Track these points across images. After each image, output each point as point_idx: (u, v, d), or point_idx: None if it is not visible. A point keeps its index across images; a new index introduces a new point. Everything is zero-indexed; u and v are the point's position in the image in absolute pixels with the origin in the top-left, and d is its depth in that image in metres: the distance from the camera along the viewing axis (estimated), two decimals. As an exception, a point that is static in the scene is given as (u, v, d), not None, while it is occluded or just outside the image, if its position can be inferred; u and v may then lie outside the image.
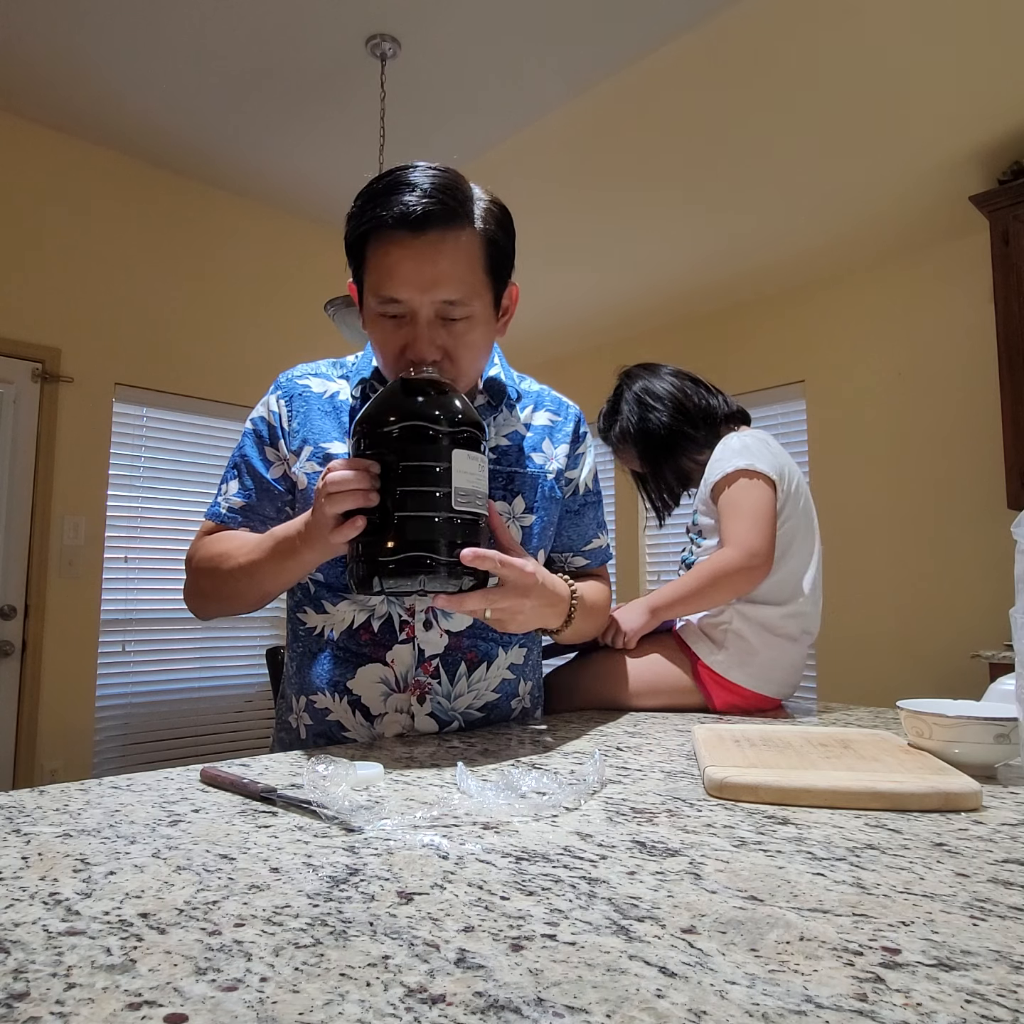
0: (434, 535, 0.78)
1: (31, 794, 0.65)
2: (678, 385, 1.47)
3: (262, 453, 1.03)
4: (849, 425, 3.72)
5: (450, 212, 0.85)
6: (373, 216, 0.85)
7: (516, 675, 1.06)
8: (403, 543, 0.77)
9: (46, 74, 2.77)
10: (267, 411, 1.05)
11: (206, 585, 1.00)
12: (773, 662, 1.28)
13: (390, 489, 0.78)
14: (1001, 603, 3.10)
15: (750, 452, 1.33)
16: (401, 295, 0.86)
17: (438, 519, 0.78)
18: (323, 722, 1.00)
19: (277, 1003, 0.33)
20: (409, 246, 0.84)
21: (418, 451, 0.78)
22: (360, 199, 0.88)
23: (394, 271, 0.85)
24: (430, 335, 0.87)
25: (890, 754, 0.75)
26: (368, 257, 0.88)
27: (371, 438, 0.80)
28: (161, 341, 3.34)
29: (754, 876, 0.48)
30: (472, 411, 0.83)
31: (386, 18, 2.47)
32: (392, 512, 0.78)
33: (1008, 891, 0.46)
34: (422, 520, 0.78)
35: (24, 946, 0.38)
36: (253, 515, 1.03)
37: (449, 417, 0.79)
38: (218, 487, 1.06)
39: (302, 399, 1.04)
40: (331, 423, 1.02)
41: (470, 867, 0.49)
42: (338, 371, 1.07)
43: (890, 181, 3.07)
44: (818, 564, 1.38)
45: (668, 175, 3.12)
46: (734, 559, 1.23)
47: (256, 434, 1.04)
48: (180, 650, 3.31)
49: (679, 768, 0.78)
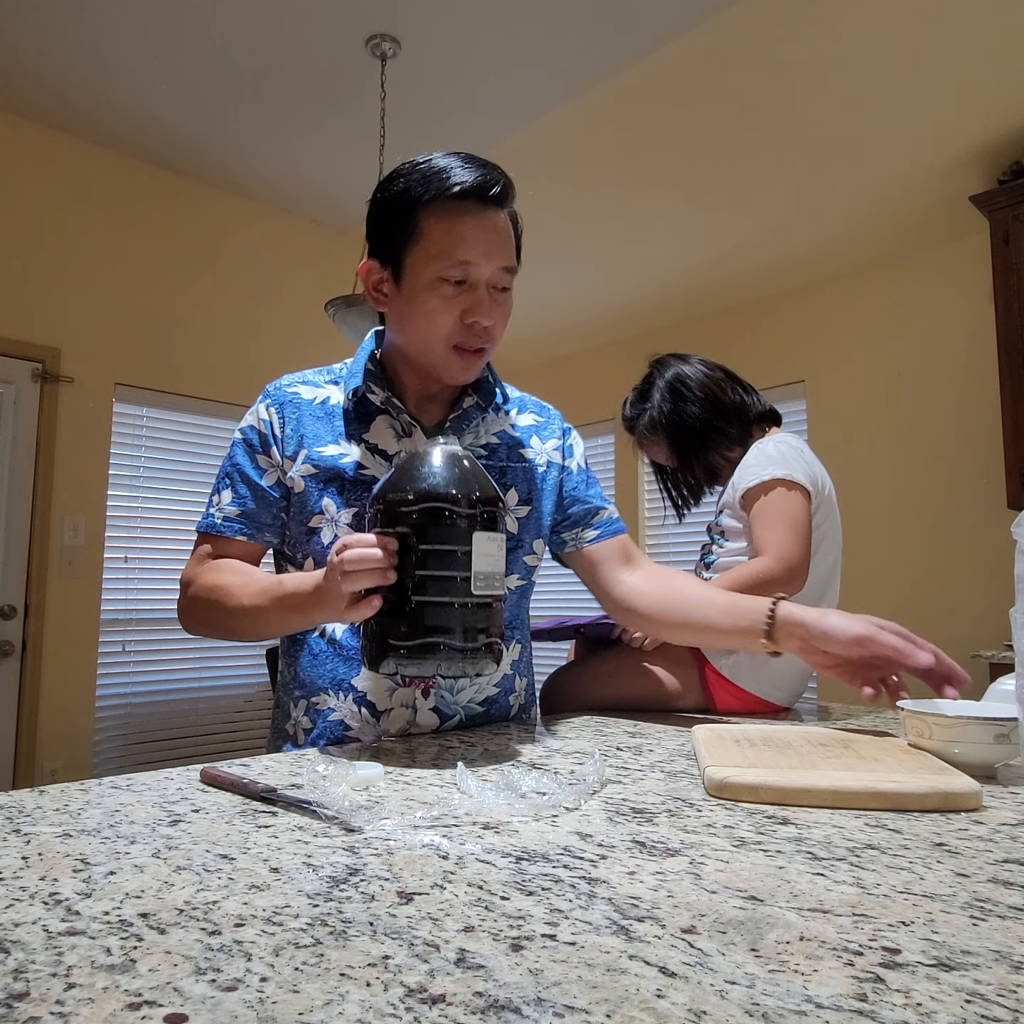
0: (451, 622, 0.77)
1: (31, 794, 0.65)
2: (712, 377, 1.43)
3: (254, 461, 1.03)
4: (849, 425, 3.72)
5: (506, 190, 0.94)
6: (442, 186, 0.91)
7: (514, 671, 1.09)
8: (419, 629, 0.76)
9: (46, 74, 2.77)
10: (257, 420, 1.05)
11: (206, 616, 1.00)
12: (782, 670, 1.26)
13: (408, 570, 0.77)
14: (1001, 603, 3.10)
15: (786, 460, 1.30)
16: (472, 258, 0.92)
17: (456, 605, 0.77)
18: (325, 723, 0.99)
19: (277, 1003, 0.33)
20: (479, 215, 0.92)
21: (438, 534, 0.76)
22: (407, 176, 0.94)
23: (466, 236, 0.92)
24: (488, 300, 0.95)
25: (890, 754, 0.75)
26: (428, 225, 0.93)
27: (389, 515, 0.78)
28: (161, 341, 3.34)
29: (754, 876, 0.48)
30: (490, 486, 0.82)
31: (386, 18, 2.47)
32: (409, 595, 0.76)
33: (1008, 891, 0.46)
34: (440, 606, 0.76)
35: (24, 946, 0.38)
36: (250, 522, 1.02)
37: (469, 497, 0.78)
38: (208, 500, 1.06)
39: (293, 405, 1.04)
40: (324, 427, 1.03)
41: (470, 867, 0.49)
42: (325, 377, 1.08)
43: (890, 181, 3.07)
44: (839, 574, 1.37)
45: (668, 175, 3.12)
46: (773, 569, 1.21)
47: (246, 443, 1.04)
48: (180, 650, 3.31)
49: (679, 768, 0.78)
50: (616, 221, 3.48)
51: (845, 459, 3.71)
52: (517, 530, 1.06)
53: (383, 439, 1.03)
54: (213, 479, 1.11)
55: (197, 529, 1.05)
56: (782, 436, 1.38)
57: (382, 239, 0.98)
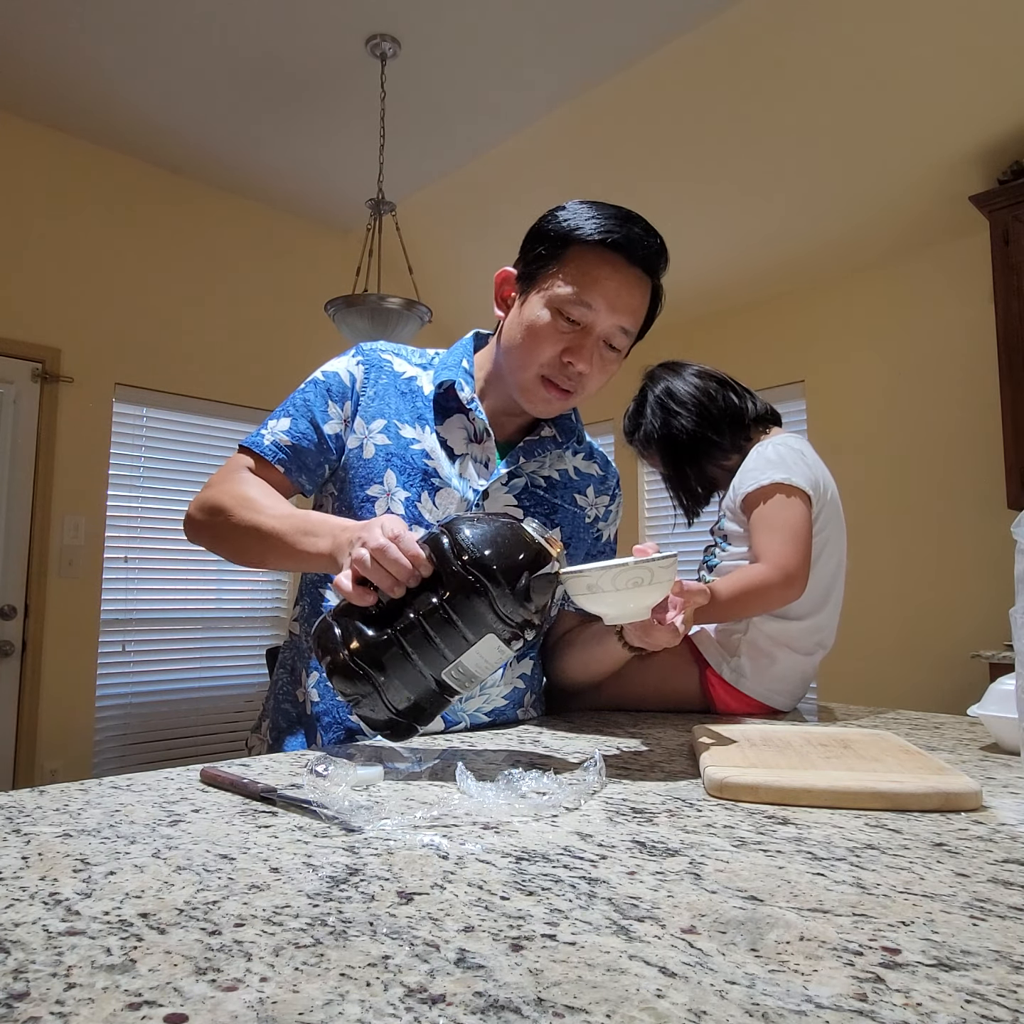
0: (404, 681, 0.72)
1: (31, 794, 0.65)
2: (702, 387, 1.42)
3: (325, 405, 1.02)
4: (849, 425, 3.72)
5: (658, 260, 0.96)
6: (601, 228, 0.92)
7: (525, 685, 1.09)
8: (374, 659, 0.71)
9: (46, 74, 2.77)
10: (344, 370, 1.04)
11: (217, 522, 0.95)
12: (784, 675, 1.26)
13: (412, 604, 0.71)
14: (1001, 603, 3.10)
15: (786, 464, 1.28)
16: (596, 304, 0.93)
17: (421, 673, 0.72)
18: (333, 701, 0.99)
19: (277, 1003, 0.33)
20: (622, 270, 0.93)
21: (463, 608, 0.70)
22: (578, 212, 0.95)
23: (601, 283, 0.92)
24: (595, 352, 0.95)
25: (890, 754, 0.75)
26: (573, 257, 0.93)
27: (444, 551, 0.71)
28: (161, 341, 3.34)
29: (754, 876, 0.48)
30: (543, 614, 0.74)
31: (386, 18, 2.47)
32: (394, 625, 0.71)
33: (1008, 891, 0.46)
34: (406, 660, 0.71)
35: (24, 946, 0.38)
36: (296, 458, 1.00)
37: (517, 608, 0.70)
38: (263, 422, 1.03)
39: (382, 371, 1.05)
40: (406, 405, 1.04)
41: (470, 867, 0.49)
42: (417, 359, 1.09)
43: (890, 181, 3.07)
44: (843, 578, 1.36)
45: (667, 176, 3.12)
46: (770, 577, 1.19)
47: (325, 386, 1.03)
48: (180, 650, 3.31)
49: (679, 768, 0.78)
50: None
51: (844, 459, 3.71)
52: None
53: (453, 437, 1.03)
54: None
55: (241, 443, 1.02)
56: (783, 438, 1.37)
57: (529, 256, 0.98)
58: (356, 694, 0.73)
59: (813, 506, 1.28)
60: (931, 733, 1.01)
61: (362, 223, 3.57)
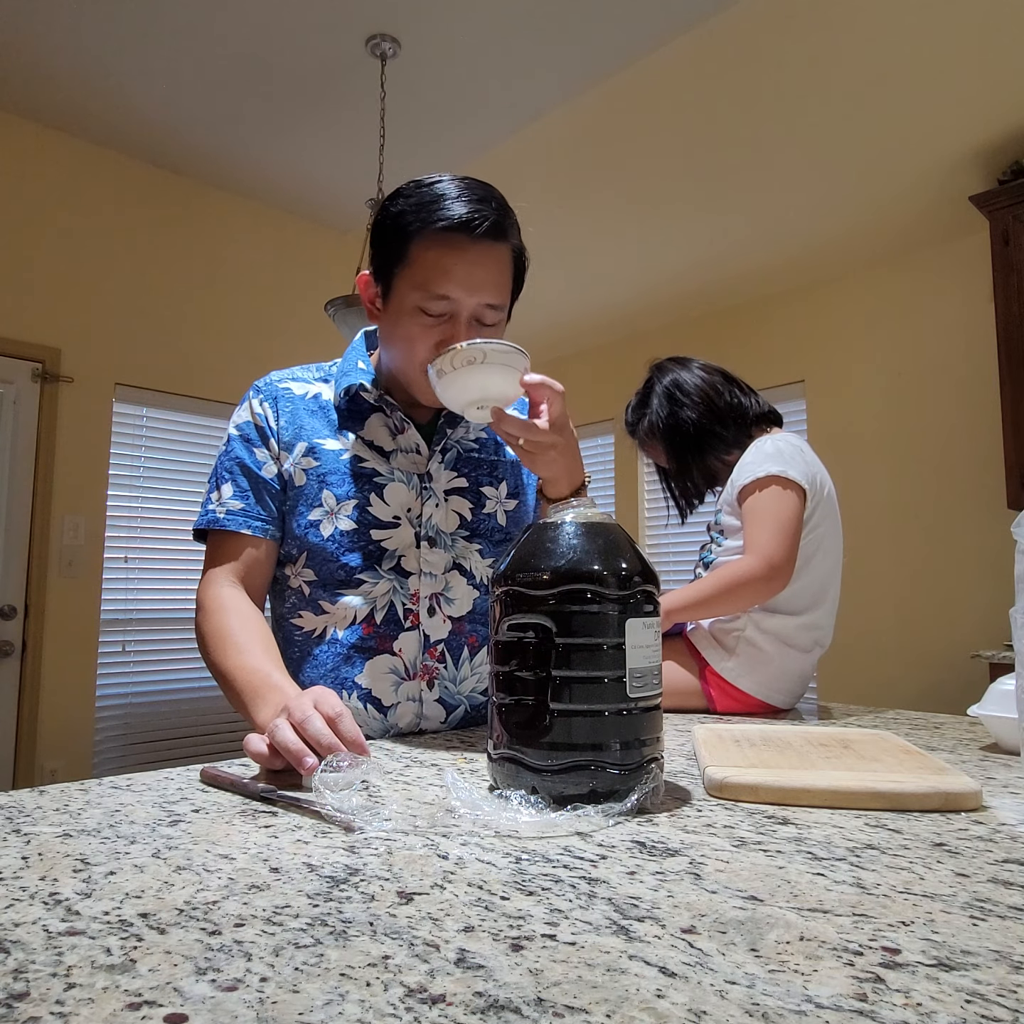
0: (604, 736, 0.62)
1: (31, 794, 0.65)
2: (709, 381, 1.44)
3: (252, 455, 1.03)
4: (849, 425, 3.72)
5: (501, 225, 0.93)
6: (431, 217, 0.91)
7: None
8: (563, 745, 0.61)
9: (46, 74, 2.77)
10: (251, 414, 1.05)
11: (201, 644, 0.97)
12: (783, 673, 1.26)
13: (545, 668, 0.62)
14: (1001, 603, 3.10)
15: (783, 458, 1.29)
16: (452, 293, 0.92)
17: (608, 714, 0.62)
18: None
19: (277, 1003, 0.33)
20: (466, 249, 0.91)
21: (583, 624, 0.62)
22: (407, 198, 0.93)
23: (449, 271, 0.91)
24: (467, 334, 0.93)
25: (890, 754, 0.75)
26: (416, 254, 0.93)
27: (520, 600, 0.64)
28: (161, 341, 3.34)
29: (754, 876, 0.48)
30: (642, 559, 0.67)
31: (386, 18, 2.47)
32: (548, 701, 0.62)
33: (1008, 891, 0.46)
34: (588, 716, 0.62)
35: (24, 946, 0.38)
36: (255, 515, 1.01)
37: (619, 575, 0.63)
38: (206, 497, 1.04)
39: (286, 399, 1.06)
40: (320, 421, 1.05)
41: (470, 867, 0.49)
42: (314, 374, 1.10)
43: (890, 181, 3.07)
44: (839, 575, 1.37)
45: (667, 176, 3.12)
46: (754, 568, 1.20)
47: (244, 438, 1.04)
48: (180, 650, 3.31)
49: (679, 768, 0.78)
50: (616, 221, 3.48)
51: (845, 459, 3.71)
52: (506, 523, 1.10)
53: (378, 436, 1.05)
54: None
55: (195, 528, 1.03)
56: (783, 435, 1.38)
57: (378, 257, 0.98)
58: (586, 785, 0.62)
59: (808, 501, 1.29)
60: (931, 733, 1.01)
61: (362, 223, 3.57)
